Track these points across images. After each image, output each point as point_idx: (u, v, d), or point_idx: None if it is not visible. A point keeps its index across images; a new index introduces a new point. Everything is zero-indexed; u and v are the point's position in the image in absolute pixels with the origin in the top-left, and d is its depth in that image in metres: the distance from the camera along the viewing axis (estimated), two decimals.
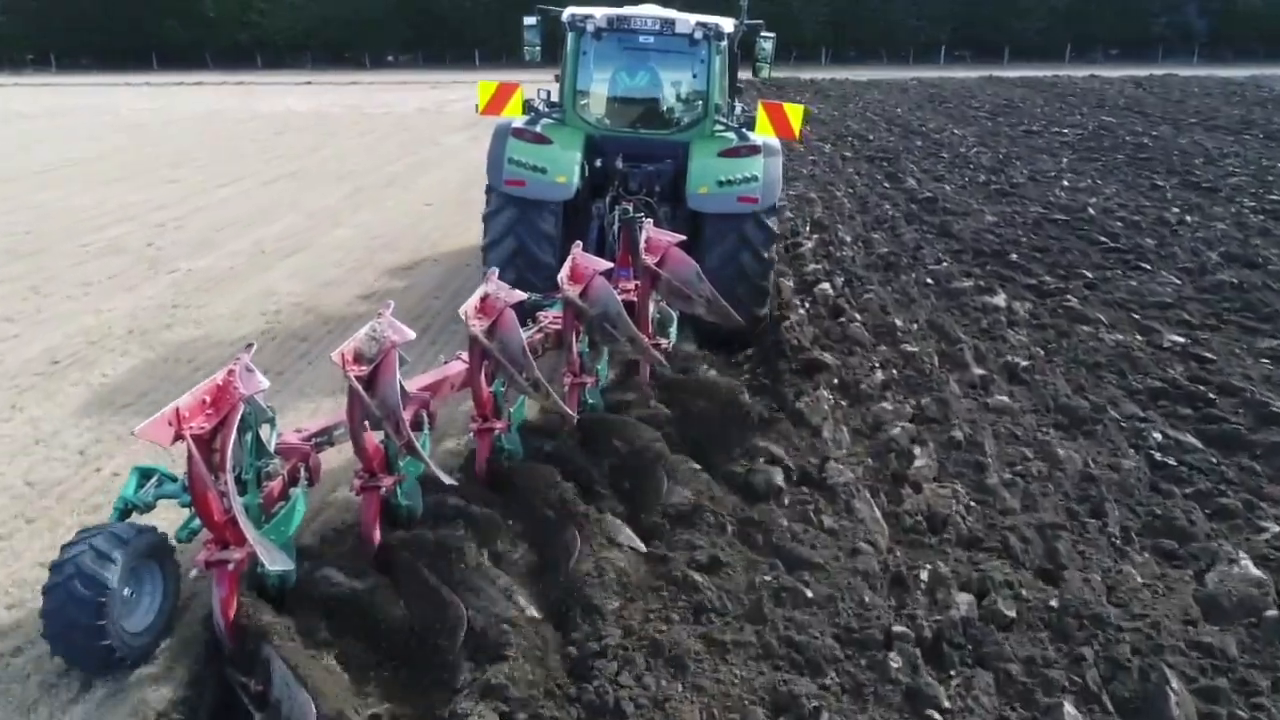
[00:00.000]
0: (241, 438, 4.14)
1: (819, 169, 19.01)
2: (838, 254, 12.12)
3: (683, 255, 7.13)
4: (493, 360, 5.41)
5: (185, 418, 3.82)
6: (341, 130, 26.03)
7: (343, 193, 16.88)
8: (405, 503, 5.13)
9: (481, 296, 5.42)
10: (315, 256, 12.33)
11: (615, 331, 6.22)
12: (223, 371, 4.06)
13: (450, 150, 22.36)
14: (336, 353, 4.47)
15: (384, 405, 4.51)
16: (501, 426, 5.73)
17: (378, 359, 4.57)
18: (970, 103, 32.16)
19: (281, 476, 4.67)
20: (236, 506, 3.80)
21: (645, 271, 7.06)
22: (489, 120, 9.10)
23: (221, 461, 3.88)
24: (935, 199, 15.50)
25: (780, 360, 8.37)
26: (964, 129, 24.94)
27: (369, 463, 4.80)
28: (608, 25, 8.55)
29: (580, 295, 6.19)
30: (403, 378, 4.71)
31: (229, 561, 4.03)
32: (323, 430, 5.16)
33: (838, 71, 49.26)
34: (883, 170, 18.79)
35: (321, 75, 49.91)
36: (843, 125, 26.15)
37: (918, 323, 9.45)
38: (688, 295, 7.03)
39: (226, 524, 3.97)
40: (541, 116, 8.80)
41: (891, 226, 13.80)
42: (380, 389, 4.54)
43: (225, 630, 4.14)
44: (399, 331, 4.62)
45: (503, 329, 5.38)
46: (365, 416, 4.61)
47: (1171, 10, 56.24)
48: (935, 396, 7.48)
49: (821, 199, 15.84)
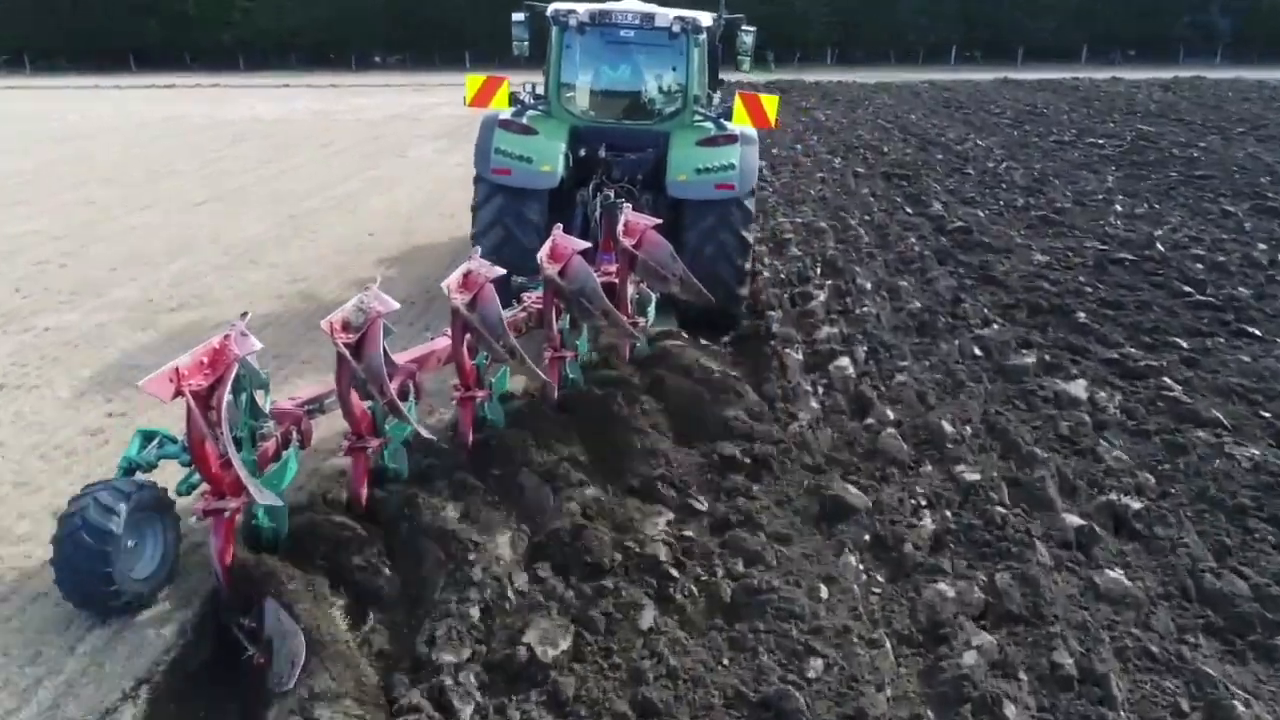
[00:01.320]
0: (237, 397, 4.54)
1: (829, 189, 16.59)
2: (857, 310, 9.71)
3: (658, 237, 7.35)
4: (473, 331, 5.71)
5: (184, 375, 4.17)
6: (302, 140, 23.64)
7: (277, 219, 14.49)
8: (392, 465, 5.59)
9: (464, 273, 5.75)
10: (210, 311, 9.92)
11: (591, 306, 6.47)
12: (219, 335, 4.39)
13: (416, 164, 19.98)
14: (325, 321, 4.82)
15: (369, 369, 4.87)
16: (483, 395, 6.14)
17: (364, 328, 4.91)
18: (989, 108, 29.71)
19: (275, 438, 5.05)
20: (231, 450, 4.16)
21: (623, 253, 7.33)
22: (464, 130, 9.62)
23: (218, 414, 4.17)
24: (969, 230, 13.08)
25: (792, 488, 6.04)
26: (987, 139, 22.50)
27: (357, 426, 5.23)
28: (590, 20, 8.86)
29: (559, 274, 6.43)
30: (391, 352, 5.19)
31: (225, 510, 4.45)
32: (314, 398, 5.46)
33: (844, 73, 46.77)
34: (902, 191, 16.36)
35: (302, 77, 47.49)
36: (853, 135, 23.72)
37: (971, 423, 7.04)
38: (663, 275, 7.27)
39: (222, 475, 4.40)
40: (527, 108, 9.10)
41: (921, 269, 11.39)
42: (366, 355, 4.89)
43: (222, 575, 4.51)
44: (384, 303, 4.95)
45: (482, 302, 5.68)
46: (352, 380, 4.99)
47: (1194, 10, 53.61)
48: (1015, 569, 5.07)
49: (834, 229, 13.42)
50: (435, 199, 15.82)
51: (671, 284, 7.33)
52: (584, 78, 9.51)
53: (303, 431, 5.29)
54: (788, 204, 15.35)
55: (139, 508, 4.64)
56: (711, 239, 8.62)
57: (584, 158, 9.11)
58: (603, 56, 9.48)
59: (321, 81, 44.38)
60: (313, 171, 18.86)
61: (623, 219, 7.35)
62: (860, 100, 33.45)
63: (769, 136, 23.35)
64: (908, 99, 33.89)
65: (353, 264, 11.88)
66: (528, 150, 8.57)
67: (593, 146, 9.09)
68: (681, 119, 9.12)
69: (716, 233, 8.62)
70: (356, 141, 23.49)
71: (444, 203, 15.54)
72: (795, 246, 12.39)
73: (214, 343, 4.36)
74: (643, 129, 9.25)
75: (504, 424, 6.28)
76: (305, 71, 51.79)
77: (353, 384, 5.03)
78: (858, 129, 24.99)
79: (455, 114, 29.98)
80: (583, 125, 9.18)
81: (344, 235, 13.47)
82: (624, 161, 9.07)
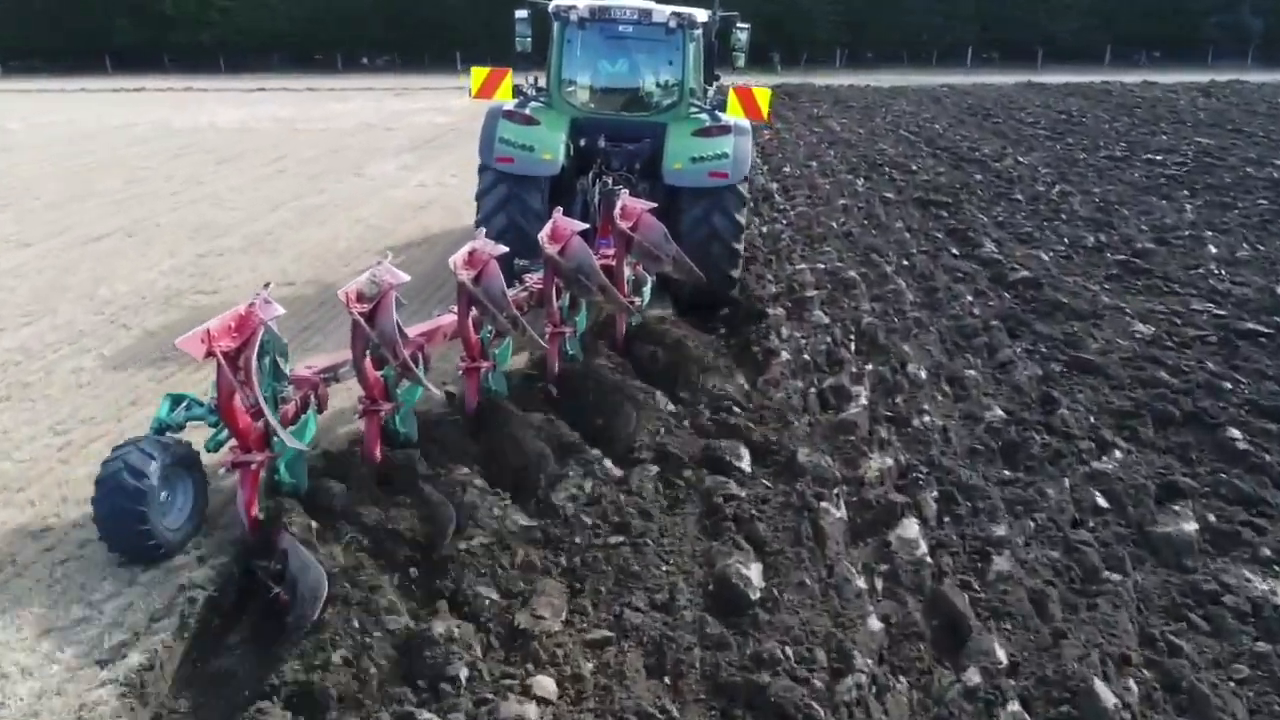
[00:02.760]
0: (261, 361, 4.85)
1: (854, 220, 13.83)
2: (914, 419, 6.96)
3: (653, 220, 7.66)
4: (478, 304, 6.02)
5: (214, 337, 4.50)
6: (251, 154, 20.93)
7: (176, 262, 11.77)
8: (402, 429, 5.92)
9: (469, 251, 6.15)
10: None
11: (588, 282, 6.81)
12: (245, 302, 4.76)
13: (373, 184, 17.25)
14: (341, 291, 5.19)
15: (382, 335, 5.23)
16: (488, 366, 6.49)
17: (377, 298, 5.27)
18: (1019, 116, 26.96)
19: (295, 401, 5.43)
20: (262, 401, 4.59)
21: (619, 236, 7.62)
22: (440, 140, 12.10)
23: (245, 373, 4.57)
24: (1037, 282, 10.34)
25: None
26: (1028, 154, 19.75)
27: (370, 390, 5.56)
28: (590, 15, 9.15)
29: (559, 253, 6.78)
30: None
31: (251, 463, 4.87)
32: (330, 367, 5.79)
33: (855, 76, 44.01)
34: (943, 224, 13.61)
35: (281, 80, 44.75)
36: (873, 148, 20.97)
37: (1132, 667, 4.28)
38: (657, 256, 7.60)
39: (249, 430, 4.84)
40: (530, 100, 9.42)
41: (988, 344, 8.64)
42: (379, 322, 5.24)
43: (247, 523, 4.97)
44: (395, 276, 5.35)
45: (486, 277, 6.04)
46: (367, 346, 5.34)
47: (1223, 9, 50.75)
48: None
49: (866, 280, 10.69)
50: (380, 235, 13.10)
51: (665, 264, 7.64)
52: (584, 71, 9.77)
53: (319, 396, 5.66)
54: (806, 242, 12.60)
55: (171, 463, 4.97)
56: (705, 224, 8.89)
57: (584, 147, 9.47)
58: (602, 51, 9.73)
59: (299, 85, 41.66)
60: (246, 196, 16.12)
61: (620, 203, 7.61)
62: (876, 106, 30.70)
63: (781, 154, 20.64)
64: (928, 105, 31.14)
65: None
66: (530, 139, 8.90)
67: (592, 137, 9.44)
68: (677, 111, 9.45)
69: (710, 218, 8.89)
70: (313, 155, 20.77)
71: (392, 237, 12.84)
72: (820, 308, 9.64)
73: (240, 309, 4.70)
74: (640, 120, 9.57)
75: (506, 393, 6.64)
76: (287, 74, 49.09)
77: (367, 349, 5.34)
78: (878, 141, 22.24)
79: (433, 122, 27.30)
80: (582, 116, 9.51)
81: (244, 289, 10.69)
82: (622, 151, 9.39)
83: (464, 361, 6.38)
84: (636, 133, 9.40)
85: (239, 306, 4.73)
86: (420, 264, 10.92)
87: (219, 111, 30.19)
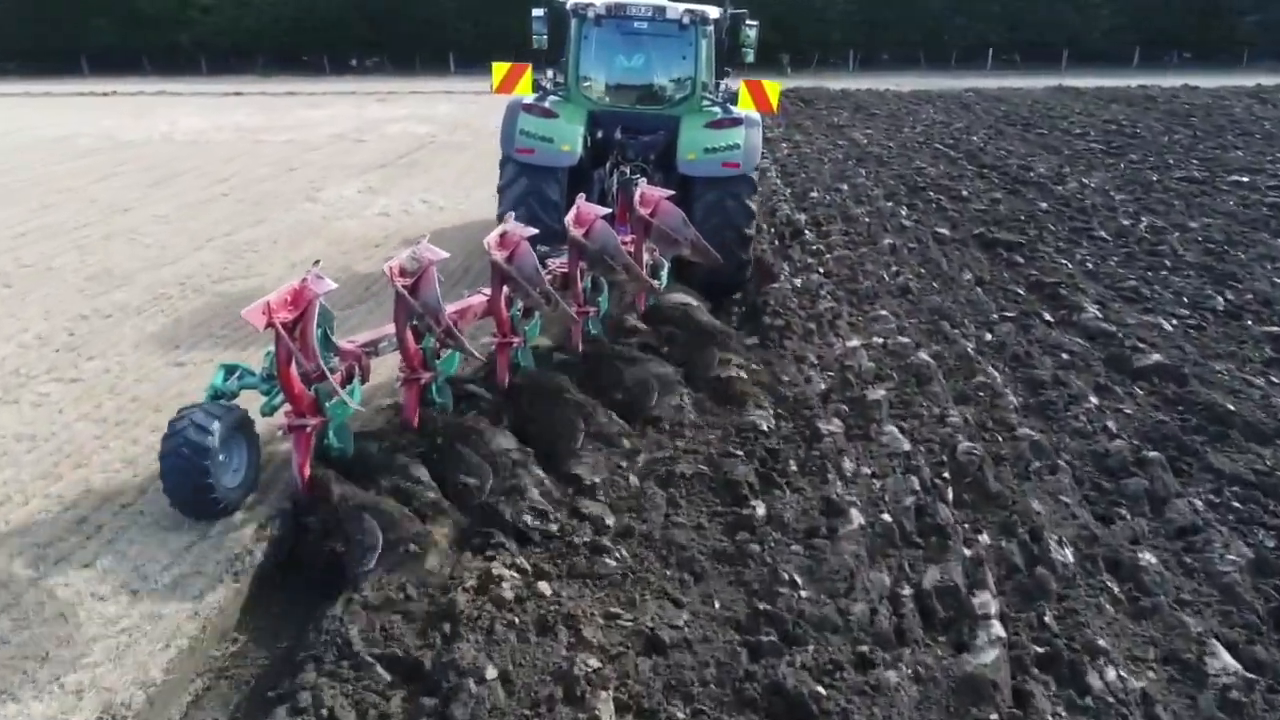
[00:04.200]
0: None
1: (907, 267, 11.08)
2: (1089, 678, 4.19)
3: (671, 206, 8.13)
4: (511, 282, 6.50)
5: (274, 309, 4.89)
6: (194, 172, 18.20)
7: (46, 328, 9.07)
8: (439, 400, 6.37)
9: (501, 233, 6.55)
10: None
11: (613, 262, 7.14)
12: (299, 278, 5.14)
13: (326, 211, 14.54)
14: (386, 265, 5.69)
15: (425, 305, 5.64)
16: (518, 342, 6.94)
17: (418, 273, 5.71)
18: (1063, 126, 24.20)
19: (341, 372, 5.73)
20: (324, 367, 5.08)
21: (639, 221, 8.09)
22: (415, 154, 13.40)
23: (304, 340, 5.02)
24: (1179, 374, 7.61)
25: None
26: (1089, 174, 17.02)
27: (411, 361, 6.04)
28: (606, 12, 9.57)
29: (584, 235, 7.11)
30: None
31: (305, 426, 5.29)
32: (371, 341, 6.20)
33: (871, 79, 41.22)
34: (1021, 275, 10.86)
35: (262, 83, 42.02)
36: (910, 166, 18.23)
37: None
38: (675, 239, 8.00)
39: (303, 395, 5.26)
40: (549, 94, 9.89)
41: (1150, 493, 5.89)
42: (422, 293, 5.66)
43: (301, 482, 5.37)
44: (435, 253, 5.73)
45: (519, 256, 6.50)
46: (411, 316, 5.78)
47: (1262, 8, 47.82)
48: None
49: (944, 366, 7.95)
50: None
51: (684, 247, 8.09)
52: (601, 66, 10.05)
53: (363, 367, 6.00)
54: (852, 299, 9.88)
55: (229, 426, 5.39)
56: (719, 212, 9.22)
57: (600, 140, 9.81)
58: (618, 46, 10.00)
59: (279, 88, 38.88)
60: (171, 228, 13.41)
61: (639, 191, 8.14)
62: (901, 114, 27.94)
63: (804, 173, 17.90)
64: (957, 112, 28.40)
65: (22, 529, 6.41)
66: (549, 132, 9.28)
67: (608, 129, 9.78)
68: (690, 104, 9.81)
69: (724, 206, 9.24)
70: (265, 173, 18.05)
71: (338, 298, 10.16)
72: (891, 419, 6.90)
73: (295, 284, 5.09)
74: (654, 113, 9.92)
75: (534, 368, 7.08)
76: (271, 76, 46.37)
77: (410, 320, 5.82)
78: (913, 157, 19.50)
79: (412, 132, 24.56)
80: (599, 110, 9.86)
81: (109, 380, 7.98)
82: (637, 143, 9.75)
83: (495, 337, 6.83)
84: (651, 125, 9.80)
85: (293, 281, 5.11)
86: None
87: (180, 119, 27.45)
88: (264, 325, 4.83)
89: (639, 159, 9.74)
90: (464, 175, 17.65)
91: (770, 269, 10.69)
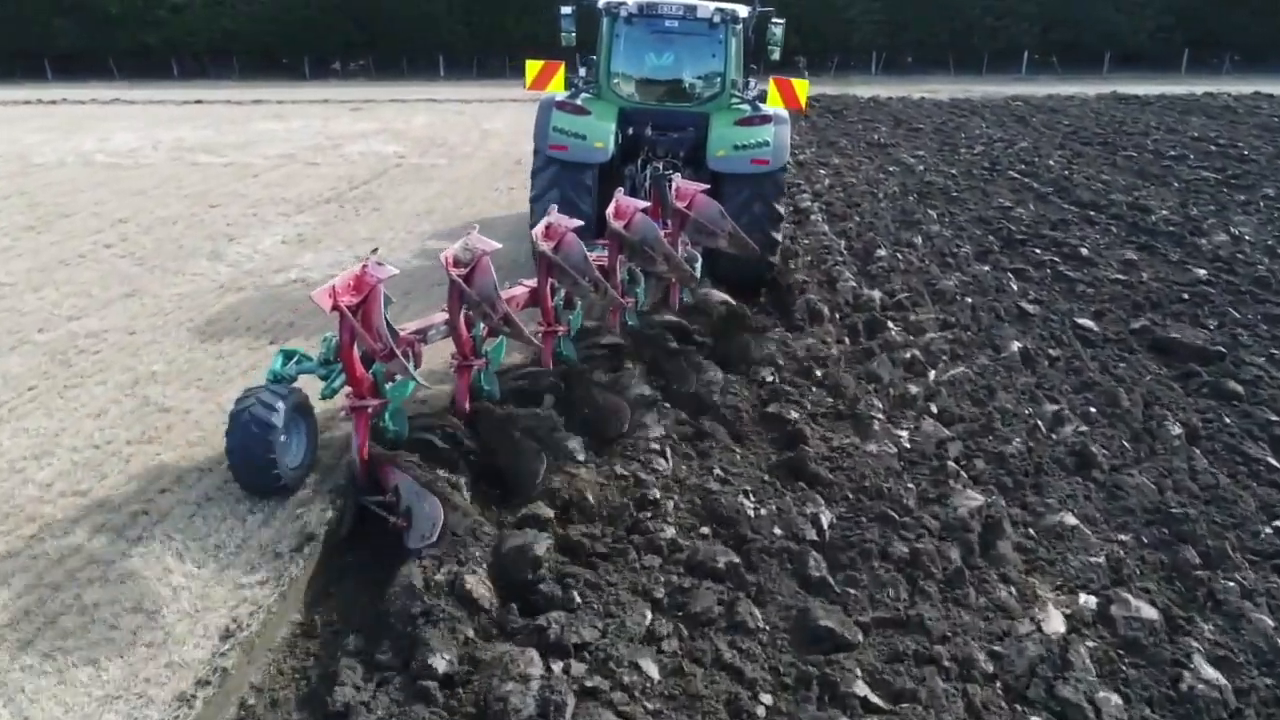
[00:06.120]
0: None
1: (1057, 389, 7.26)
2: None
3: (707, 199, 8.23)
4: (559, 271, 6.64)
5: (339, 293, 5.03)
6: (88, 212, 14.36)
7: None
8: (487, 387, 6.51)
9: (546, 225, 6.78)
10: None
11: (654, 253, 7.30)
12: (360, 264, 5.27)
13: (228, 276, 10.74)
14: (441, 255, 5.83)
15: (481, 293, 5.81)
16: (563, 330, 7.16)
17: (472, 263, 5.88)
18: (1148, 145, 20.38)
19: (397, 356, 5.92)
20: (393, 347, 5.11)
21: (675, 214, 8.25)
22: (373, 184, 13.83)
23: (367, 322, 5.12)
24: None
25: None
26: (1228, 218, 13.21)
27: (463, 349, 6.23)
28: (638, 11, 9.72)
29: (624, 228, 7.34)
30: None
31: (365, 407, 5.45)
32: (421, 329, 6.34)
33: (896, 84, 37.46)
34: (1239, 412, 7.05)
35: (231, 89, 38.31)
36: (989, 205, 14.40)
37: None
38: (713, 231, 8.05)
39: (364, 378, 5.42)
40: (581, 91, 9.97)
41: None
42: (478, 282, 5.85)
43: (360, 462, 5.48)
44: (487, 244, 5.90)
45: (566, 246, 6.69)
46: (466, 304, 5.95)
47: None
48: None
49: (1194, 630, 4.18)
50: (145, 434, 6.63)
51: (721, 239, 8.09)
52: (631, 64, 10.18)
53: (415, 353, 6.15)
54: (1004, 481, 6.05)
55: (291, 408, 5.57)
56: (747, 209, 9.28)
57: (631, 136, 10.01)
58: (649, 45, 10.11)
59: (247, 95, 35.05)
60: (4, 305, 9.66)
61: (675, 185, 8.38)
62: (949, 129, 24.09)
63: (858, 217, 14.01)
64: (1012, 126, 24.59)
65: None
66: (582, 129, 9.43)
67: (639, 126, 9.99)
68: (720, 101, 9.97)
69: (751, 203, 9.37)
70: (178, 211, 14.21)
71: (160, 441, 6.44)
72: None
73: (356, 270, 5.23)
74: (685, 110, 10.09)
75: (576, 357, 7.23)
76: (244, 81, 42.68)
77: (463, 308, 5.97)
78: (987, 189, 15.68)
79: (377, 151, 20.69)
80: (630, 107, 10.03)
81: None
82: (667, 140, 9.97)
83: (540, 326, 7.00)
84: (681, 122, 9.94)
85: (354, 267, 5.29)
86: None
87: (115, 135, 23.58)
88: (330, 307, 4.97)
89: (669, 155, 9.91)
90: (423, 217, 13.86)
91: (860, 417, 6.85)
